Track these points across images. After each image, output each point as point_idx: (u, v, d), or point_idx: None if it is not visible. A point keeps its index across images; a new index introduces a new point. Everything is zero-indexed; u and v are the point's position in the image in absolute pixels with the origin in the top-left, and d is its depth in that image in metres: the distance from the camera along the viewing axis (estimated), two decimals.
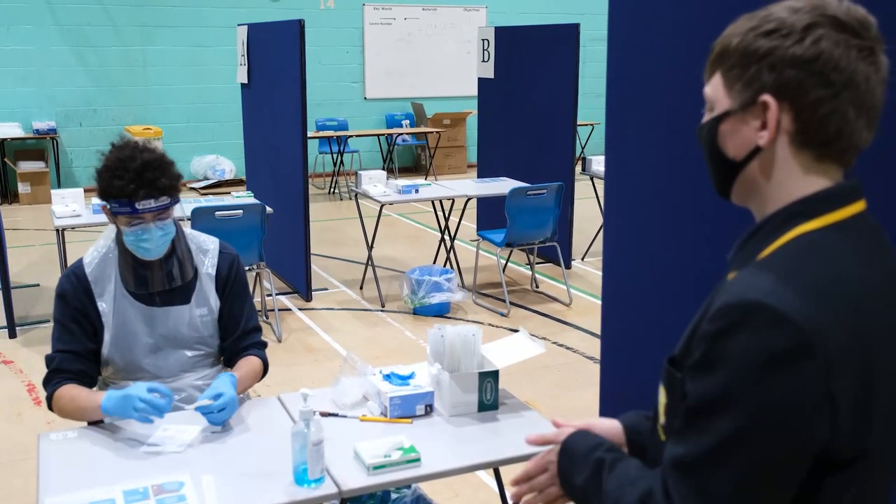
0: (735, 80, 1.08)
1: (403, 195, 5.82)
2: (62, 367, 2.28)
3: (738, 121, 1.09)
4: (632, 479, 1.13)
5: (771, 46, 1.04)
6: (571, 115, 6.39)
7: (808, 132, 1.05)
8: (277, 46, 5.89)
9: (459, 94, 11.55)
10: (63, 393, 2.25)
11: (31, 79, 9.53)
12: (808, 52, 1.02)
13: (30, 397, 4.26)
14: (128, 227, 2.24)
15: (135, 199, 2.18)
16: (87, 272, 2.32)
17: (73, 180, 9.76)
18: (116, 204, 2.21)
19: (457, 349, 2.28)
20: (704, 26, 2.09)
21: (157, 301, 2.35)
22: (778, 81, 1.04)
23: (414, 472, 1.97)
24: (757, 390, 0.96)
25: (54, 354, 2.30)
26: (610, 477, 1.17)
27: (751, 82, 1.06)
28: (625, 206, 2.54)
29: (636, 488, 1.09)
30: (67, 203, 5.09)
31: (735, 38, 1.08)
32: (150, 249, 2.27)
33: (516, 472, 1.40)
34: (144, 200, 2.19)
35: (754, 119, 1.07)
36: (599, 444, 1.26)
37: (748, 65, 1.06)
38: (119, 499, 1.83)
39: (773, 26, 1.04)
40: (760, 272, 1.02)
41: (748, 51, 1.06)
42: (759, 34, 1.05)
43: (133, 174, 2.17)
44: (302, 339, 5.11)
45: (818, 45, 1.02)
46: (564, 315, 5.56)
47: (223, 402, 2.14)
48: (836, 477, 1.02)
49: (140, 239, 2.25)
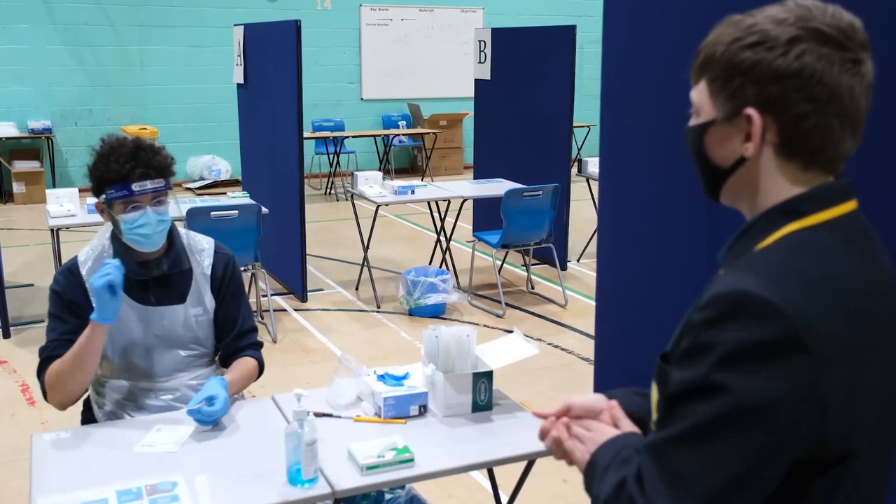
0: (719, 91, 1.08)
1: (399, 196, 5.82)
2: (54, 353, 2.26)
3: (723, 131, 1.09)
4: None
5: (755, 60, 1.03)
6: (568, 117, 6.40)
7: (793, 145, 1.05)
8: (274, 47, 5.89)
9: (456, 95, 11.55)
10: (53, 366, 2.24)
11: (26, 78, 9.51)
12: (791, 67, 1.01)
13: (23, 398, 4.25)
14: (125, 213, 2.24)
15: (130, 181, 2.21)
16: (81, 270, 2.32)
17: (69, 180, 9.73)
18: (112, 190, 2.23)
19: (451, 350, 2.28)
20: (699, 29, 2.09)
21: (153, 300, 2.34)
22: (761, 95, 1.04)
23: (408, 472, 1.97)
24: (742, 378, 0.95)
25: (47, 344, 2.30)
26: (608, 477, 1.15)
27: (734, 95, 1.06)
28: (619, 207, 2.54)
29: (614, 479, 1.07)
30: (62, 203, 5.08)
31: (719, 48, 1.07)
32: (149, 236, 2.26)
33: (545, 430, 1.27)
34: (140, 181, 2.22)
35: (739, 130, 1.07)
36: (629, 458, 1.13)
37: (732, 77, 1.06)
38: (112, 499, 1.83)
39: (757, 38, 1.04)
40: (752, 266, 1.02)
41: (732, 63, 1.05)
42: (742, 46, 1.05)
43: (127, 155, 2.22)
44: (297, 340, 5.10)
45: (801, 59, 1.01)
46: (560, 316, 5.56)
47: (218, 408, 2.14)
48: (825, 477, 1.02)
49: (138, 225, 2.24)
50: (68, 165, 9.86)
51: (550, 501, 3.29)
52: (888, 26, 1.44)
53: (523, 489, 2.39)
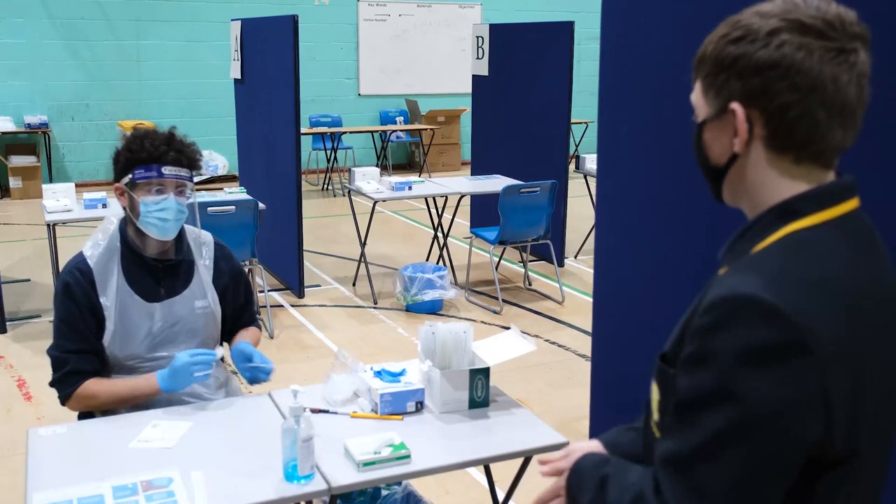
0: (709, 87, 1.09)
1: (397, 192, 5.81)
2: (78, 367, 2.25)
3: (716, 128, 1.10)
4: (630, 483, 1.12)
5: (738, 54, 1.05)
6: (565, 113, 6.39)
7: (780, 137, 1.05)
8: (271, 42, 5.87)
9: (454, 91, 11.54)
10: (88, 387, 2.25)
11: (23, 72, 9.48)
12: (771, 58, 1.02)
13: (20, 393, 4.24)
14: (148, 195, 2.25)
15: (162, 163, 2.24)
16: (90, 265, 2.30)
17: (65, 175, 9.72)
18: (142, 169, 2.25)
19: (448, 346, 2.28)
20: (697, 25, 2.09)
21: (162, 294, 2.35)
22: (745, 88, 1.05)
23: (404, 468, 1.97)
24: (750, 384, 0.96)
25: (66, 355, 2.26)
26: (611, 487, 1.16)
27: (721, 90, 1.07)
28: (617, 204, 2.54)
29: (629, 492, 1.09)
30: (59, 198, 5.07)
31: (710, 46, 1.09)
32: (167, 221, 2.27)
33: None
34: (171, 166, 2.26)
35: (728, 126, 1.08)
36: (606, 461, 1.25)
37: (719, 73, 1.07)
38: (108, 494, 1.82)
39: (741, 33, 1.05)
40: (753, 267, 1.02)
41: (719, 59, 1.07)
42: (728, 41, 1.06)
43: (162, 138, 2.28)
44: (294, 336, 5.10)
45: (781, 49, 1.02)
46: (557, 313, 5.56)
47: (263, 363, 2.32)
48: (828, 476, 1.02)
49: (159, 208, 2.26)
50: (65, 160, 9.84)
51: None
52: (888, 26, 1.44)
53: (520, 485, 2.39)
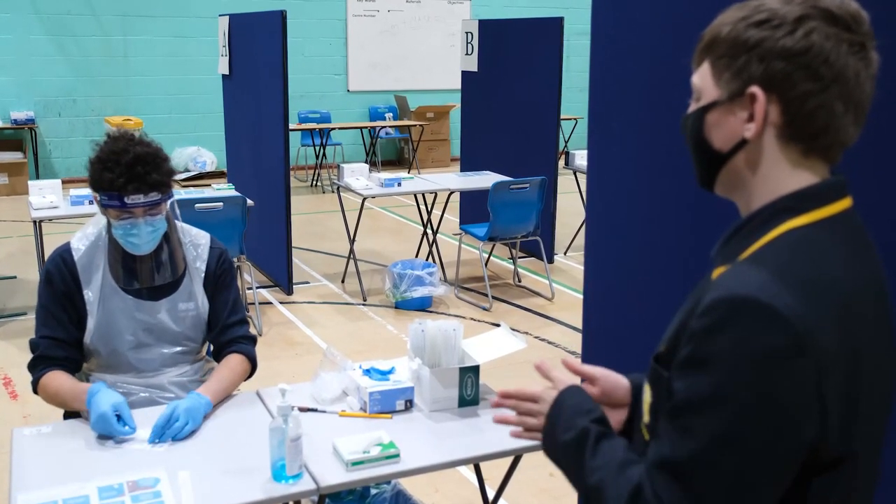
0: (723, 69, 1.07)
1: (386, 188, 5.79)
2: (47, 353, 2.27)
3: (725, 112, 1.07)
4: (620, 463, 1.09)
5: (761, 37, 1.02)
6: (555, 110, 6.38)
7: (795, 126, 1.03)
8: (259, 37, 5.84)
9: (443, 87, 11.51)
10: (48, 381, 2.25)
11: (9, 68, 9.40)
12: (798, 45, 1.00)
13: (6, 391, 4.21)
14: (117, 220, 2.22)
15: (124, 194, 2.17)
16: (75, 258, 2.30)
17: (52, 171, 9.65)
18: (106, 197, 2.19)
19: (437, 344, 2.26)
20: (688, 20, 2.08)
21: (144, 294, 2.32)
22: (766, 73, 1.02)
23: (393, 467, 1.96)
24: (748, 389, 0.94)
25: (39, 340, 2.29)
26: (594, 452, 1.13)
27: (739, 73, 1.05)
28: (607, 200, 2.53)
29: (626, 480, 1.05)
30: (45, 195, 5.03)
31: (725, 27, 1.06)
32: (138, 245, 2.25)
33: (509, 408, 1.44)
34: (133, 195, 2.17)
35: (741, 110, 1.06)
36: (591, 409, 1.22)
37: (737, 55, 1.05)
38: (93, 495, 1.80)
39: (765, 16, 1.03)
40: (751, 267, 1.00)
41: (738, 41, 1.04)
42: (749, 24, 1.04)
43: (123, 167, 2.16)
44: (283, 333, 5.08)
45: (809, 37, 1.00)
46: (547, 310, 5.56)
47: (181, 423, 2.08)
48: (822, 479, 1.01)
49: (128, 234, 2.23)
50: (51, 157, 9.77)
51: (537, 496, 3.29)
52: (888, 26, 1.43)
53: (510, 484, 2.38)
